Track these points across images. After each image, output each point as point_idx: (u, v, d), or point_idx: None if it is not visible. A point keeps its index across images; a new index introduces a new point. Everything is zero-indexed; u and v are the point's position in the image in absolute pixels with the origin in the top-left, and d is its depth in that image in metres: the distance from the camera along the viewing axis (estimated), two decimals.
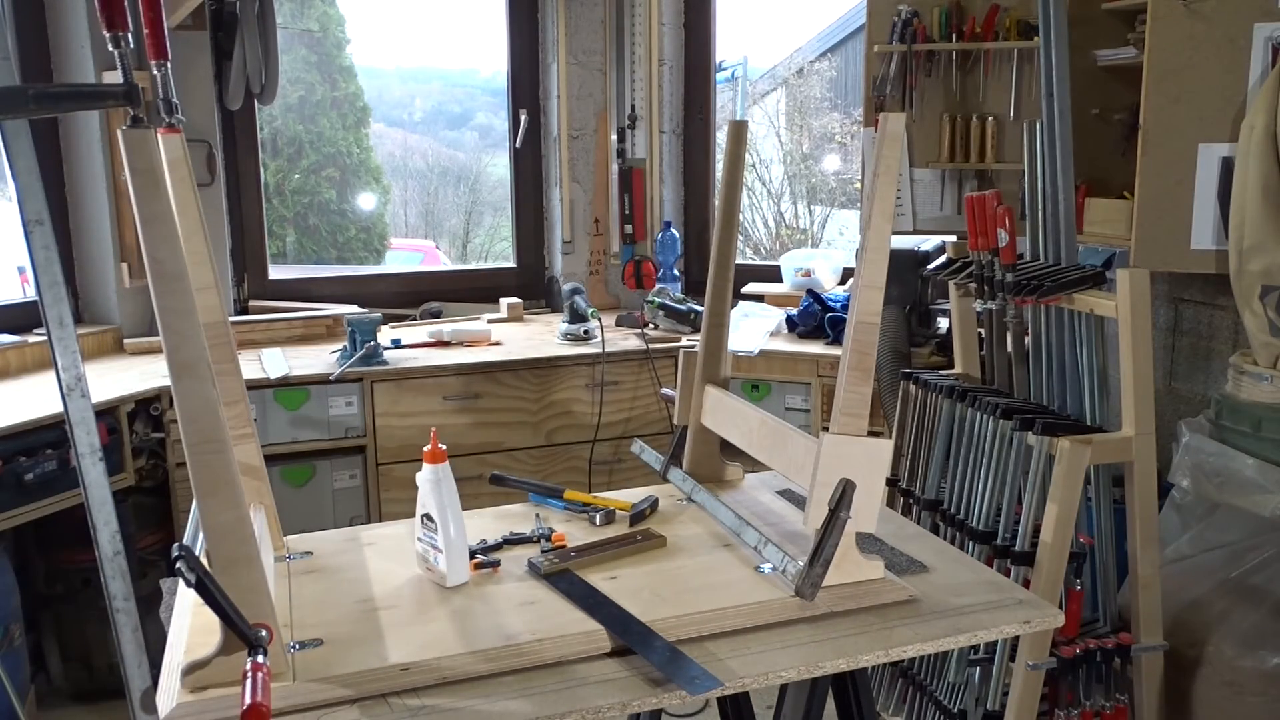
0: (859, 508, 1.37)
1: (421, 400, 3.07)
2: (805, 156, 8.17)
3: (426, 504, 1.47)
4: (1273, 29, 2.12)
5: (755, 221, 8.01)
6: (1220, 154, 2.18)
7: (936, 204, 3.02)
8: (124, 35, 1.11)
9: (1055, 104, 2.16)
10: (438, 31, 11.59)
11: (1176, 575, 2.19)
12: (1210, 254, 2.22)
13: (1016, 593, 1.46)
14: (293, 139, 8.37)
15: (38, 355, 3.02)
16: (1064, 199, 2.16)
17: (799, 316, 3.29)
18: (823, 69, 8.11)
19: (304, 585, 1.49)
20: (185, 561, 1.10)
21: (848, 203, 7.89)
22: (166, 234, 1.15)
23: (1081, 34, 2.44)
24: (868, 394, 1.38)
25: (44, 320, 1.00)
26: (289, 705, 1.16)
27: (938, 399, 2.23)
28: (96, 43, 3.06)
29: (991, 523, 2.08)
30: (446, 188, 10.02)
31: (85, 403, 1.01)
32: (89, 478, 1.02)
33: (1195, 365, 2.73)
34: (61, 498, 2.56)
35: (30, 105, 0.99)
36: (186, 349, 1.15)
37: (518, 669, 1.24)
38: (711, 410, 1.82)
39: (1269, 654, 2.01)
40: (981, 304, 2.25)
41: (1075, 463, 1.90)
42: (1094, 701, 2.07)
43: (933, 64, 2.90)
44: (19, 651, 2.55)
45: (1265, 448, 2.11)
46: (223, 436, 1.17)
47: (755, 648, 1.30)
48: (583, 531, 1.67)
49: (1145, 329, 1.96)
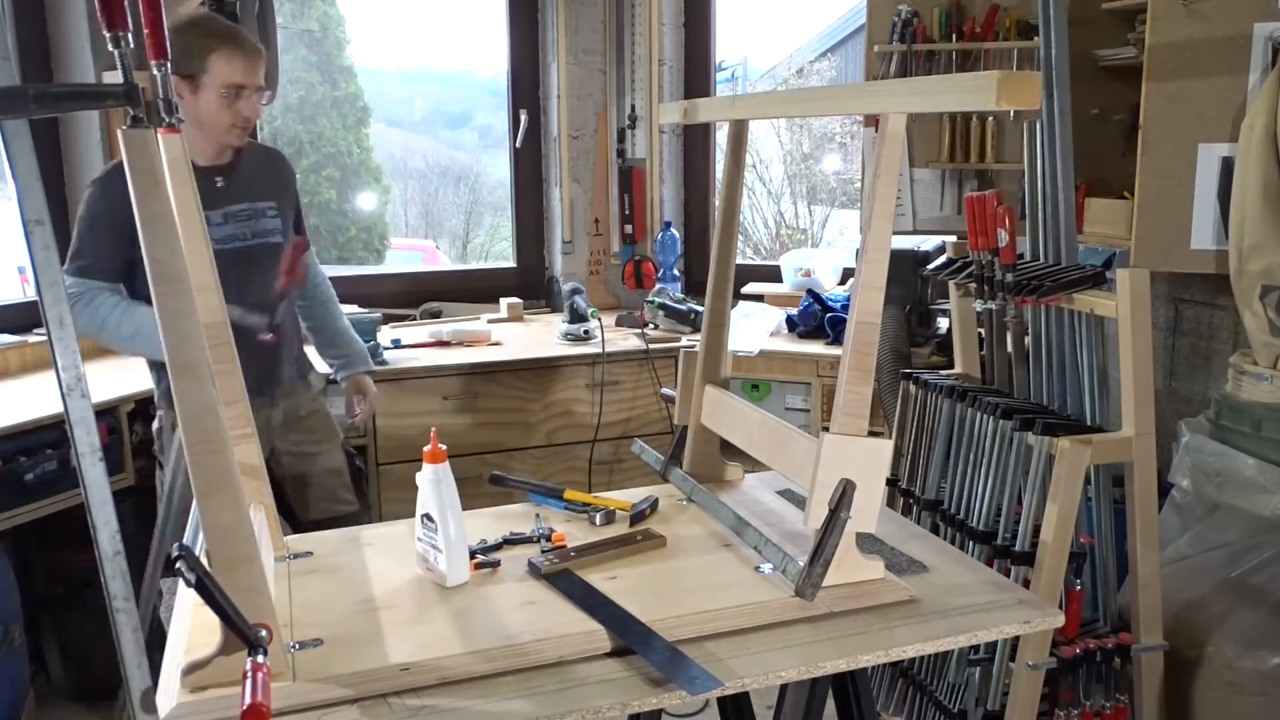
0: (859, 508, 1.37)
1: (421, 400, 3.07)
2: (805, 156, 8.17)
3: (426, 504, 1.47)
4: (1273, 29, 2.12)
5: (755, 221, 8.01)
6: (1220, 154, 2.18)
7: (936, 204, 3.02)
8: (124, 35, 1.11)
9: (1055, 104, 2.15)
10: (438, 31, 11.59)
11: (1176, 575, 2.19)
12: (1210, 254, 2.21)
13: (1016, 593, 1.46)
14: (293, 139, 8.37)
15: (38, 355, 3.02)
16: (1064, 199, 2.16)
17: (799, 316, 3.29)
18: (823, 69, 8.11)
19: (304, 585, 1.49)
20: (185, 561, 1.10)
21: (848, 203, 7.89)
22: (166, 234, 1.15)
23: (1081, 34, 2.44)
24: (868, 394, 1.38)
25: (44, 320, 1.00)
26: (289, 705, 1.16)
27: (938, 399, 2.23)
28: (96, 43, 3.06)
29: (991, 523, 2.08)
30: (446, 188, 10.02)
31: (85, 403, 1.01)
32: (89, 478, 1.02)
33: (1195, 365, 2.73)
34: (61, 498, 2.56)
35: (30, 105, 0.99)
36: (186, 349, 1.15)
37: (518, 669, 1.24)
38: (711, 410, 1.82)
39: (1269, 654, 2.01)
40: (981, 304, 2.25)
41: (1075, 463, 1.90)
42: (1094, 702, 2.07)
43: (933, 64, 2.90)
44: (19, 651, 2.55)
45: (1265, 448, 2.11)
46: (223, 436, 1.17)
47: (755, 648, 1.30)
48: (583, 532, 1.67)
49: (1145, 329, 1.96)
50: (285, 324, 2.42)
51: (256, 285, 2.31)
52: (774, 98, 2.07)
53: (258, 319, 2.31)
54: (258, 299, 2.31)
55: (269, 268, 2.34)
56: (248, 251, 2.29)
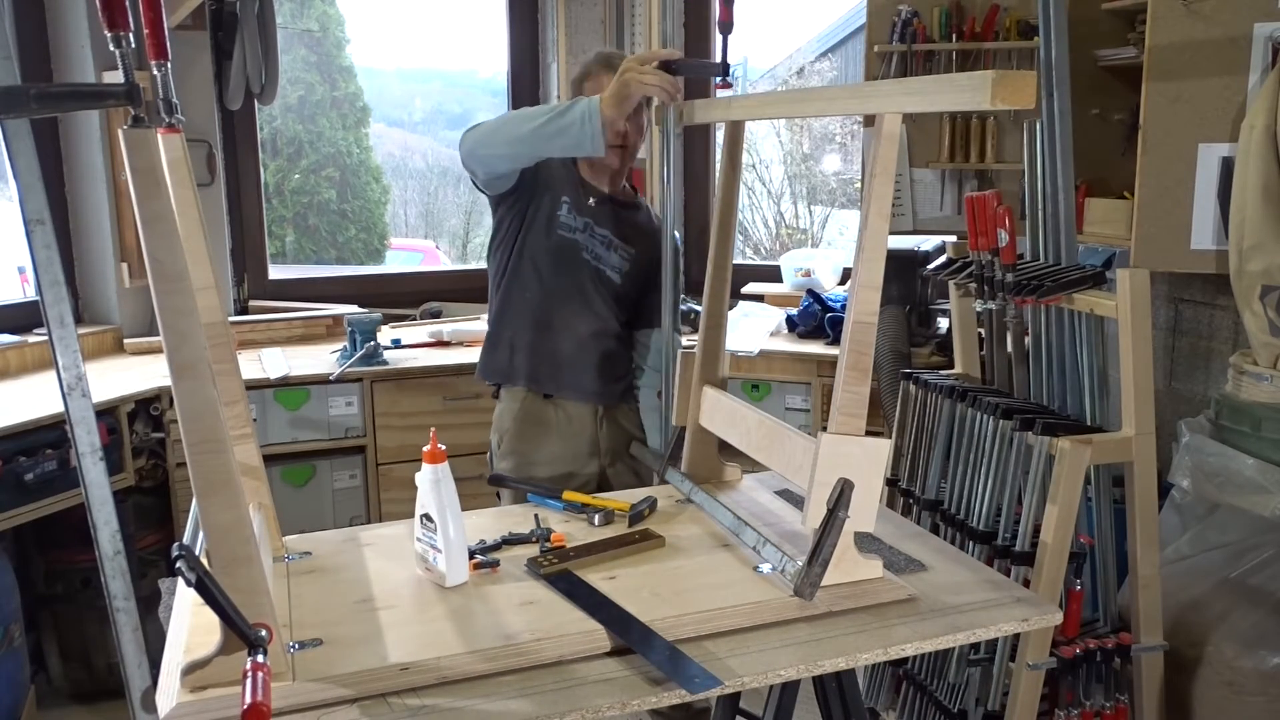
0: (857, 507, 1.37)
1: (421, 400, 3.07)
2: (805, 156, 8.17)
3: (426, 504, 1.47)
4: (1273, 29, 2.12)
5: (755, 221, 8.02)
6: (1220, 154, 2.17)
7: (936, 204, 3.01)
8: (125, 35, 1.11)
9: (1055, 104, 2.15)
10: (438, 31, 11.60)
11: (1176, 575, 2.19)
12: (1210, 254, 2.21)
13: (1015, 591, 1.46)
14: (293, 139, 8.38)
15: (38, 355, 3.02)
16: (1064, 199, 2.16)
17: (799, 316, 3.29)
18: (823, 69, 8.12)
19: (303, 585, 1.49)
20: (185, 561, 1.10)
21: (848, 203, 7.90)
22: (166, 234, 1.15)
23: (1081, 34, 2.44)
24: (865, 393, 1.38)
25: (45, 319, 1.00)
26: (289, 705, 1.16)
27: (938, 399, 2.23)
28: (96, 43, 3.06)
29: (991, 523, 2.08)
30: (446, 188, 10.03)
31: (86, 402, 1.01)
32: (89, 477, 1.02)
33: (1195, 365, 2.73)
34: (61, 498, 2.56)
35: (32, 105, 0.99)
36: (187, 349, 1.15)
37: (517, 668, 1.24)
38: (710, 411, 1.82)
39: (1269, 654, 2.01)
40: (981, 304, 2.25)
41: (1075, 463, 1.90)
42: (1094, 701, 2.07)
43: (933, 64, 2.90)
44: (19, 651, 2.55)
45: (1265, 448, 2.11)
46: (222, 436, 1.17)
47: (754, 647, 1.30)
48: (582, 532, 1.68)
49: (1145, 329, 1.96)
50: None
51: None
52: (771, 98, 2.07)
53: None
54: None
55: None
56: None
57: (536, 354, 2.27)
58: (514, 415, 2.29)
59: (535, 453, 2.28)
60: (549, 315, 2.26)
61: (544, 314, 2.26)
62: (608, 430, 2.32)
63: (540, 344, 2.27)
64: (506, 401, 2.32)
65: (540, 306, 2.26)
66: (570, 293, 2.26)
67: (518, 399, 2.29)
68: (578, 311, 2.27)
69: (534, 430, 2.28)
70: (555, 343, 2.27)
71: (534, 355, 2.27)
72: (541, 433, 2.28)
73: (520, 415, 2.29)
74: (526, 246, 2.25)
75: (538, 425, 2.28)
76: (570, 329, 2.26)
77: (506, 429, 2.30)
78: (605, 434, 2.32)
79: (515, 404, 2.29)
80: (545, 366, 2.27)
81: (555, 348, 2.26)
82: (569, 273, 2.26)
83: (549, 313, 2.26)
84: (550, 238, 2.23)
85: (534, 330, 2.27)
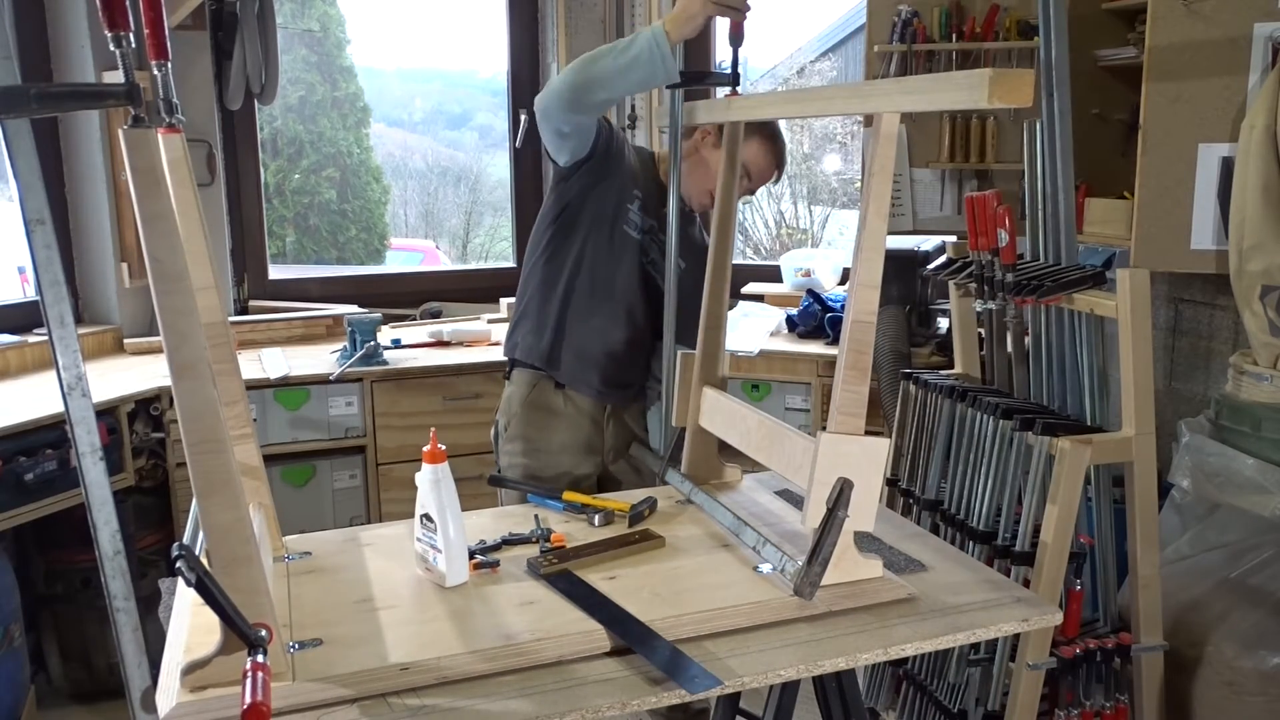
0: (857, 507, 1.37)
1: (421, 400, 3.07)
2: (806, 156, 8.17)
3: (426, 504, 1.47)
4: (1273, 29, 2.12)
5: (755, 221, 8.02)
6: (1220, 154, 2.17)
7: (936, 204, 3.01)
8: (125, 35, 1.11)
9: (1055, 104, 2.15)
10: (438, 31, 11.60)
11: (1176, 575, 2.19)
12: (1210, 254, 2.21)
13: (1014, 591, 1.46)
14: (293, 139, 8.38)
15: (38, 355, 3.02)
16: (1064, 199, 2.16)
17: (799, 316, 3.29)
18: (823, 69, 8.12)
19: (303, 585, 1.49)
20: (185, 561, 1.10)
21: (848, 203, 7.90)
22: (167, 234, 1.15)
23: (1081, 34, 2.44)
24: (864, 393, 1.38)
25: (45, 319, 1.00)
26: (289, 705, 1.17)
27: (938, 399, 2.23)
28: (96, 43, 3.06)
29: (991, 523, 2.08)
30: (446, 188, 10.03)
31: (86, 402, 1.01)
32: (89, 477, 1.02)
33: (1195, 365, 2.73)
34: (61, 498, 2.57)
35: (32, 105, 0.99)
36: (186, 349, 1.15)
37: (517, 668, 1.25)
38: (709, 412, 1.82)
39: (1269, 654, 2.01)
40: (981, 304, 2.25)
41: (1075, 463, 1.90)
42: (1094, 701, 2.07)
43: (933, 64, 2.90)
44: (19, 651, 2.55)
45: (1265, 448, 2.11)
46: (222, 436, 1.17)
47: (754, 646, 1.30)
48: (581, 532, 1.68)
49: (1145, 329, 1.96)
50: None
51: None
52: (770, 99, 2.08)
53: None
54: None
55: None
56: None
57: (564, 344, 2.25)
58: (522, 400, 2.28)
59: (541, 439, 2.27)
60: (590, 311, 2.23)
61: (585, 308, 2.23)
62: (613, 428, 2.32)
63: (572, 336, 2.24)
64: (516, 385, 2.30)
65: (583, 299, 2.22)
66: (617, 295, 2.24)
67: (529, 384, 2.28)
68: (618, 315, 2.25)
69: (541, 417, 2.27)
70: (587, 340, 2.24)
71: (561, 344, 2.24)
72: (549, 420, 2.27)
73: (529, 401, 2.27)
74: (588, 234, 2.21)
75: (545, 413, 2.27)
76: (605, 332, 2.24)
77: (515, 413, 2.29)
78: (610, 431, 2.32)
79: (525, 389, 2.28)
80: (569, 358, 2.25)
81: (585, 345, 2.24)
82: (624, 273, 2.23)
83: (591, 310, 2.23)
84: (614, 231, 2.20)
85: (570, 319, 2.24)
